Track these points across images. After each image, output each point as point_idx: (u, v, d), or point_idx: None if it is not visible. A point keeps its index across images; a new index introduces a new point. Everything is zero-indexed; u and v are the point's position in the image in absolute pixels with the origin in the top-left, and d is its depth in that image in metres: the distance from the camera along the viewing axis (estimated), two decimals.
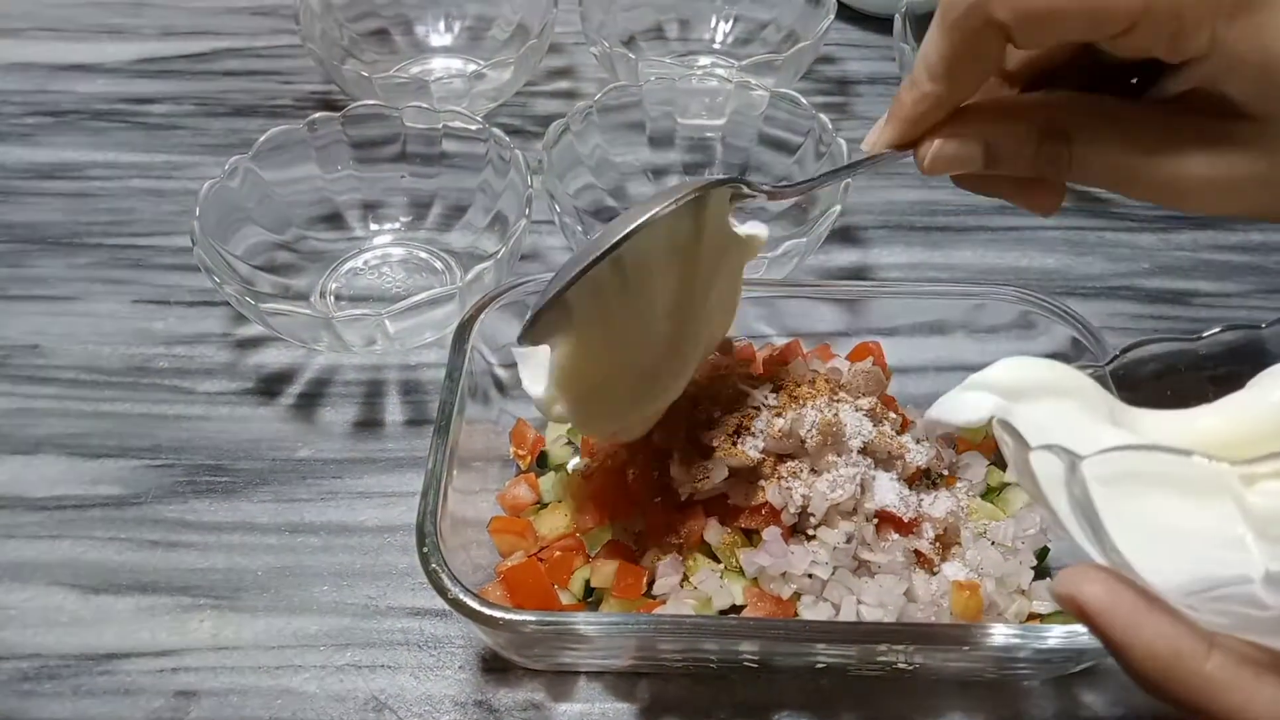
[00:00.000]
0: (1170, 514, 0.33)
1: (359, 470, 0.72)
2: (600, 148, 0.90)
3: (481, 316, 0.65)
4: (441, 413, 0.60)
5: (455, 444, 0.59)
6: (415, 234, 0.87)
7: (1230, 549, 0.31)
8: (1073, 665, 0.58)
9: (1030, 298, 0.67)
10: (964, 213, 0.91)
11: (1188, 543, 0.33)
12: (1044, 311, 0.67)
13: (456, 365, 0.62)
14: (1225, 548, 0.32)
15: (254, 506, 0.70)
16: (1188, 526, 0.33)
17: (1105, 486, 0.33)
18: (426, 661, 0.63)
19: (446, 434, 0.59)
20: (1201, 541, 0.33)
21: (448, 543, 0.56)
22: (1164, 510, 0.33)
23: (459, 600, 0.52)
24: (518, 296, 0.66)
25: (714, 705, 0.61)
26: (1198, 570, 0.33)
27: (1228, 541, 0.31)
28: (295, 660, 0.63)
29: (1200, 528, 0.32)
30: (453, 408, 0.60)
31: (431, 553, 0.54)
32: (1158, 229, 0.91)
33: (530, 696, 0.62)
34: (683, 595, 0.59)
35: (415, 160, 0.87)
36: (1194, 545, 0.33)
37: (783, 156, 0.89)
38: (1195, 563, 0.33)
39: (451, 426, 0.59)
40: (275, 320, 0.71)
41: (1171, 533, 0.33)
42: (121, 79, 1.03)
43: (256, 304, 0.69)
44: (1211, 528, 0.32)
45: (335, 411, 0.76)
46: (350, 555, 0.68)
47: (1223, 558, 0.32)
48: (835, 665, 0.58)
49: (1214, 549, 0.32)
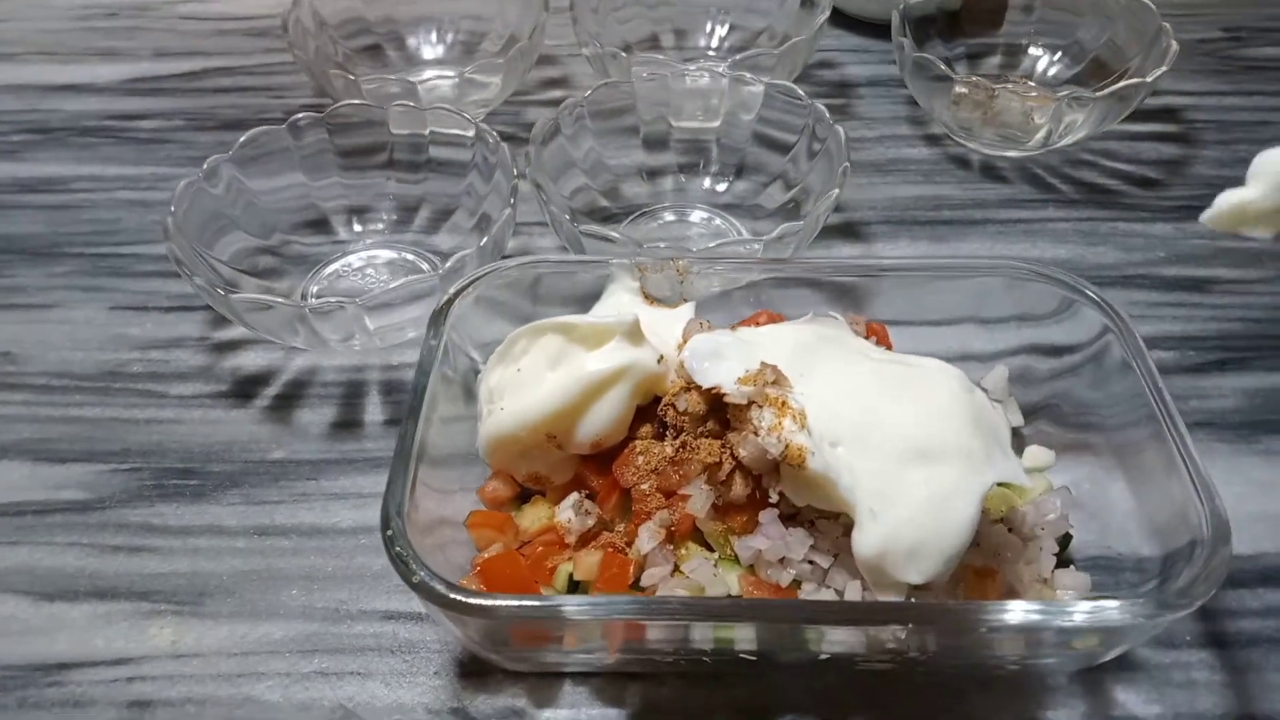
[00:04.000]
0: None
1: (335, 471, 0.69)
2: (594, 150, 0.88)
3: (457, 303, 0.62)
4: (414, 395, 0.56)
5: (426, 432, 0.56)
6: (402, 236, 0.84)
7: None
8: (1102, 654, 0.53)
9: (1049, 273, 0.63)
10: (970, 206, 0.88)
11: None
12: (1063, 288, 0.63)
13: (430, 349, 0.59)
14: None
15: (223, 509, 0.67)
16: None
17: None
18: (399, 667, 0.59)
19: (417, 418, 0.55)
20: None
21: (422, 542, 0.52)
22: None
23: (426, 586, 0.48)
24: (494, 285, 0.63)
25: (710, 708, 0.56)
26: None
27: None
28: (259, 667, 0.59)
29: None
30: (424, 391, 0.57)
31: (397, 536, 0.50)
32: (1172, 219, 0.87)
33: (511, 702, 0.57)
34: (673, 585, 0.55)
35: (402, 166, 0.85)
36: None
37: (777, 155, 0.86)
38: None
39: (423, 411, 0.56)
40: (248, 314, 0.68)
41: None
42: (112, 97, 1.02)
43: (226, 296, 0.66)
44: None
45: (312, 413, 0.72)
46: (322, 558, 0.64)
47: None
48: (840, 658, 0.53)
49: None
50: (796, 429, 0.53)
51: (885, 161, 0.93)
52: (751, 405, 0.54)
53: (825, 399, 0.55)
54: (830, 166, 0.78)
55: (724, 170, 0.89)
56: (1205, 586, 0.48)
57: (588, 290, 0.67)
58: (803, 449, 0.52)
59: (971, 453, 0.53)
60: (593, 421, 0.58)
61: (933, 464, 0.53)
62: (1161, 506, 0.56)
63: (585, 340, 0.59)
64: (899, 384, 0.56)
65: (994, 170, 0.92)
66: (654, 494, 0.57)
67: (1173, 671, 0.58)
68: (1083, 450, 0.64)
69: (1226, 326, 0.78)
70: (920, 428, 0.54)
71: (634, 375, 0.58)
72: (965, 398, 0.56)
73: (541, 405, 0.58)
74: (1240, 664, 0.58)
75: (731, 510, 0.56)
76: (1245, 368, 0.74)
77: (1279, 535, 0.64)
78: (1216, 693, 0.57)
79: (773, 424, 0.53)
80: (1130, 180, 0.91)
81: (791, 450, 0.52)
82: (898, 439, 0.53)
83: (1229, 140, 0.95)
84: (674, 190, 0.89)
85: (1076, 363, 0.64)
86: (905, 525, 0.51)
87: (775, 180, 0.86)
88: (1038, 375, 0.67)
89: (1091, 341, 0.63)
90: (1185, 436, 0.53)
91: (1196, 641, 0.59)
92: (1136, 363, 0.58)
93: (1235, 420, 0.71)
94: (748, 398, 0.54)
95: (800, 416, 0.53)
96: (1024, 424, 0.67)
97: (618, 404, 0.58)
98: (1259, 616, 0.60)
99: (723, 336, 0.58)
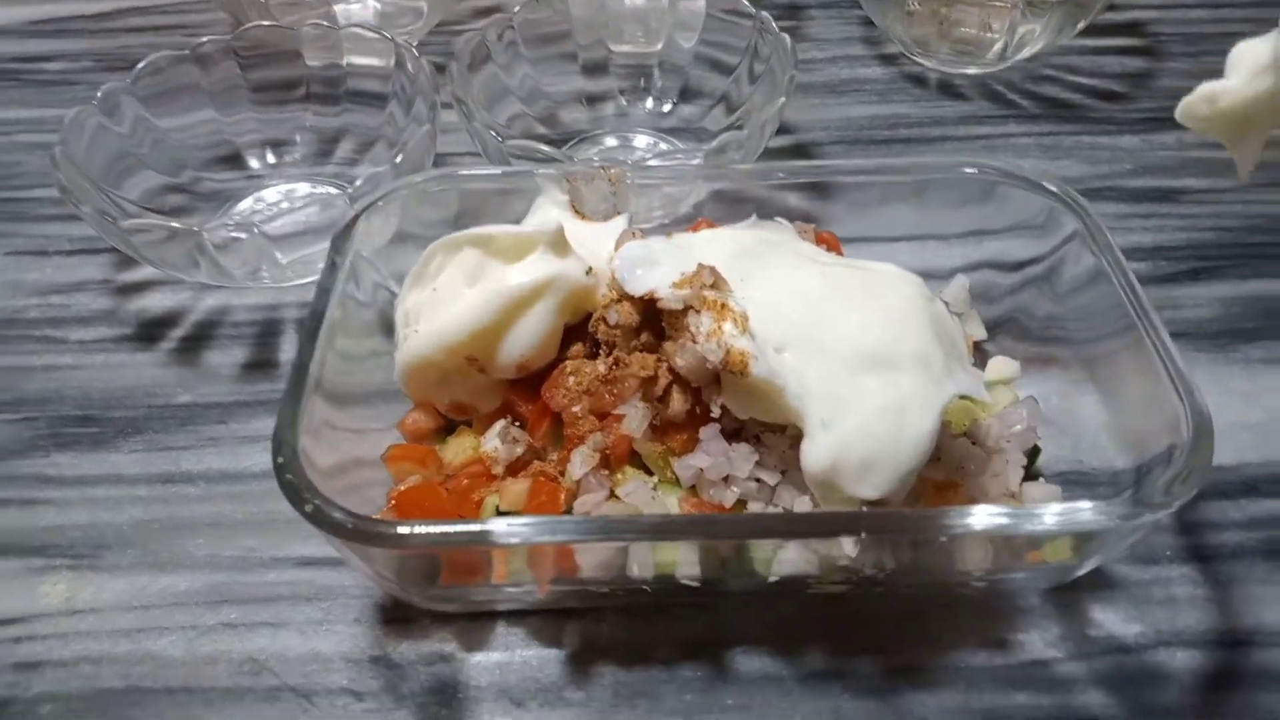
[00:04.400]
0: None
1: (246, 414, 0.63)
2: (530, 77, 0.82)
3: (363, 221, 0.56)
4: (311, 317, 0.51)
5: (332, 362, 0.50)
6: (322, 169, 0.79)
7: None
8: (1076, 566, 0.49)
9: (1010, 171, 0.59)
10: (927, 124, 0.83)
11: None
12: (1026, 187, 0.58)
13: (331, 268, 0.53)
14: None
15: (124, 457, 0.61)
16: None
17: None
18: (314, 616, 0.53)
19: (314, 341, 0.50)
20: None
21: (333, 485, 0.46)
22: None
23: (321, 514, 0.43)
24: (409, 206, 0.58)
25: (655, 644, 0.51)
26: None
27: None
28: (160, 621, 0.53)
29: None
30: (323, 314, 0.51)
31: (288, 462, 0.44)
32: (1139, 131, 0.83)
33: (439, 648, 0.52)
34: (608, 512, 0.50)
35: (319, 98, 0.79)
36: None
37: (721, 76, 0.81)
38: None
39: (321, 334, 0.50)
40: (145, 247, 0.62)
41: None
42: (15, 40, 0.95)
43: (116, 223, 0.60)
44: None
45: (223, 354, 0.67)
46: (231, 504, 0.59)
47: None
48: (792, 582, 0.49)
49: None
50: (737, 333, 0.48)
51: (838, 82, 0.88)
52: (688, 311, 0.49)
53: (769, 303, 0.50)
54: (776, 84, 0.73)
55: (666, 93, 0.84)
56: (1187, 485, 0.43)
57: (520, 216, 0.61)
58: (745, 354, 0.47)
59: (930, 362, 0.49)
60: (517, 341, 0.53)
61: (888, 371, 0.48)
62: (1136, 413, 0.52)
63: (505, 253, 0.54)
64: (851, 288, 0.51)
65: (952, 88, 0.88)
66: (586, 416, 0.52)
67: (1153, 588, 0.53)
68: (1049, 364, 0.59)
69: (1198, 236, 0.74)
70: (875, 333, 0.49)
71: (560, 288, 0.53)
72: (924, 305, 0.51)
73: (459, 325, 0.52)
74: (1223, 577, 0.54)
75: (670, 429, 0.51)
76: (1219, 276, 0.70)
77: (1262, 445, 0.60)
78: (1199, 608, 0.53)
79: (711, 329, 0.48)
80: (1094, 94, 0.87)
81: (733, 356, 0.47)
82: (850, 344, 0.48)
83: (1195, 53, 0.91)
84: (616, 115, 0.84)
85: (1040, 273, 0.60)
86: (858, 435, 0.46)
87: (720, 102, 0.81)
88: (1000, 289, 0.62)
89: (1057, 248, 0.59)
90: (1160, 330, 0.49)
91: (1177, 556, 0.55)
92: (1106, 258, 0.54)
93: (1212, 330, 0.67)
94: (683, 302, 0.49)
95: (742, 320, 0.48)
96: (986, 338, 0.62)
97: (543, 321, 0.53)
98: (1242, 528, 0.56)
99: (656, 243, 0.53)
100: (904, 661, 0.50)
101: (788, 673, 0.50)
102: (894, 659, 0.51)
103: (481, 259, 0.54)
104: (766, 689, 0.50)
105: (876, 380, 0.48)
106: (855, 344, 0.48)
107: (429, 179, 0.58)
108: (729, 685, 0.50)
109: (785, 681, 0.50)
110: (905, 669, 0.50)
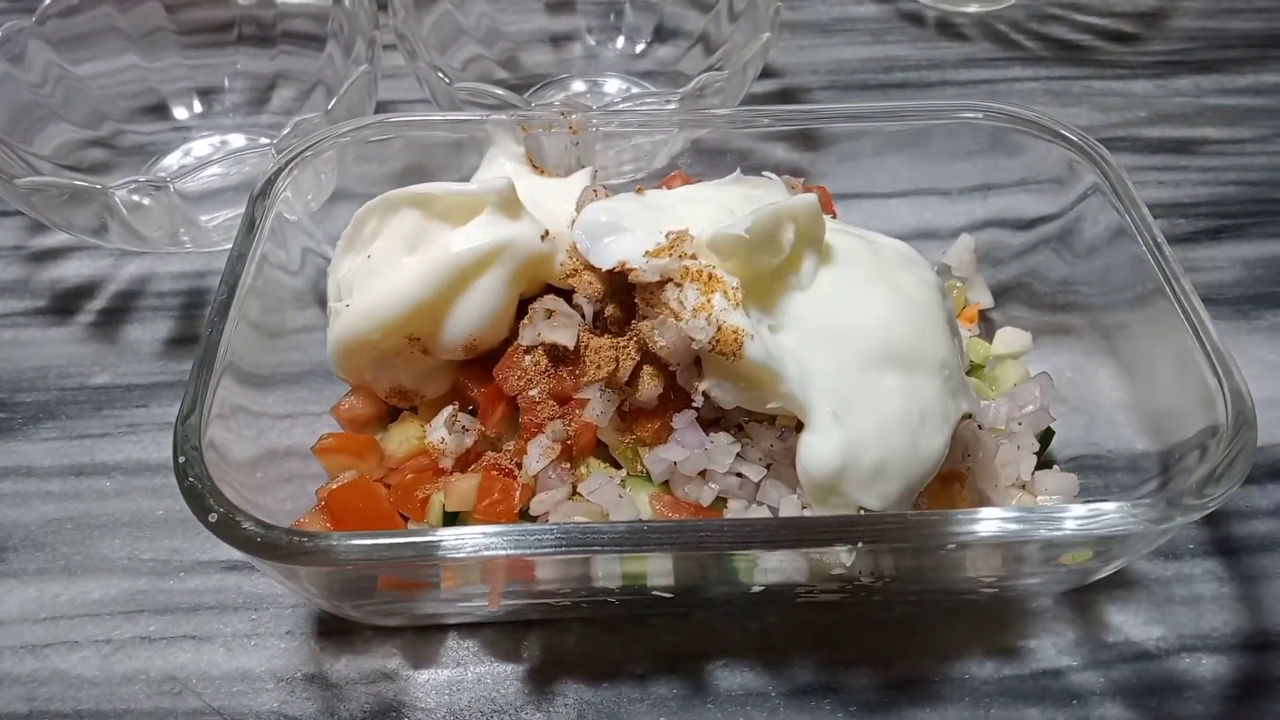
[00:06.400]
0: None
1: (170, 396, 0.57)
2: (487, 15, 0.75)
3: (285, 174, 0.49)
4: (221, 288, 0.44)
5: (250, 340, 0.44)
6: (256, 119, 0.71)
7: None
8: (1095, 570, 0.43)
9: (1023, 116, 0.52)
10: (925, 67, 0.77)
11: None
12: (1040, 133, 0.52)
13: (246, 229, 0.47)
14: None
15: (33, 447, 0.55)
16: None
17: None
18: (242, 628, 0.48)
19: (225, 316, 0.43)
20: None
21: (255, 479, 0.41)
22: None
23: (227, 524, 0.37)
24: (345, 160, 0.51)
25: (626, 657, 0.46)
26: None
27: None
28: (71, 634, 0.48)
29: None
30: (236, 285, 0.44)
31: (190, 462, 0.38)
32: (1153, 75, 0.76)
33: (381, 664, 0.46)
34: (570, 511, 0.44)
35: (251, 41, 0.72)
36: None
37: (698, 14, 0.74)
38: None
39: (233, 308, 0.43)
40: (44, 205, 0.55)
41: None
42: None
43: (11, 181, 0.53)
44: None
45: (144, 328, 0.60)
46: (151, 500, 0.52)
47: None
48: (779, 590, 0.43)
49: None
50: (729, 307, 0.42)
51: (829, 21, 0.81)
52: (668, 284, 0.43)
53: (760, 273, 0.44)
54: (759, 20, 0.66)
55: (639, 31, 0.77)
56: (1226, 482, 0.38)
57: (474, 172, 0.54)
58: (739, 332, 0.41)
59: (951, 373, 0.43)
60: (463, 317, 0.46)
61: (911, 373, 0.42)
62: (1162, 391, 0.46)
63: (449, 214, 0.47)
64: (860, 265, 0.45)
65: (951, 27, 0.81)
66: (545, 401, 0.46)
67: (1174, 586, 0.48)
68: (1063, 334, 0.54)
69: (1219, 191, 0.68)
70: (900, 327, 0.43)
71: (512, 256, 0.46)
72: (939, 298, 0.46)
73: (398, 299, 0.46)
74: (1252, 572, 0.49)
75: (640, 416, 0.45)
76: (1242, 235, 0.65)
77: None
78: (1226, 608, 0.48)
79: (699, 303, 0.42)
80: (1104, 35, 0.80)
81: (725, 335, 0.41)
82: (871, 334, 0.42)
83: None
84: (584, 58, 0.77)
85: (1054, 232, 0.54)
86: (875, 437, 0.40)
87: (698, 42, 0.74)
88: (1008, 250, 0.56)
89: (1074, 204, 0.53)
90: (1192, 296, 0.43)
91: (1201, 549, 0.50)
92: (1130, 215, 0.48)
93: (1234, 294, 0.62)
94: (661, 273, 0.43)
95: (734, 292, 0.42)
96: (993, 305, 0.57)
97: (493, 293, 0.46)
98: (1271, 516, 0.51)
99: (623, 204, 0.47)
100: (903, 673, 0.45)
101: (773, 688, 0.45)
102: (891, 671, 0.45)
103: (422, 221, 0.47)
104: (750, 706, 0.45)
105: (897, 380, 0.42)
106: (877, 334, 0.42)
107: (360, 126, 0.51)
108: (708, 703, 0.45)
109: (770, 698, 0.45)
110: (904, 682, 0.45)
